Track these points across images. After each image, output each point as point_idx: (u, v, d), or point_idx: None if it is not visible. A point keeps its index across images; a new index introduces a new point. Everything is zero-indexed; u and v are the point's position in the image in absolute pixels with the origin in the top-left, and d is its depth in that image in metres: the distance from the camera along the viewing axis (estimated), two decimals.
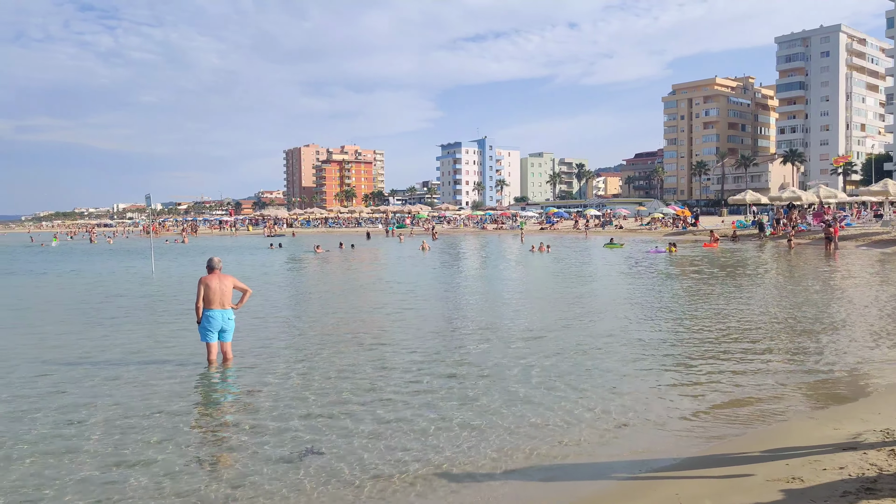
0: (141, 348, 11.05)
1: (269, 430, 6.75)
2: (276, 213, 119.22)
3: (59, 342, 11.82)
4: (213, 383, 8.88)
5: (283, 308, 16.54)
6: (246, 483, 5.48)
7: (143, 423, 6.98)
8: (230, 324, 9.48)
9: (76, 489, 5.37)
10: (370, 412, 7.28)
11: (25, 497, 5.25)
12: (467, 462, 5.86)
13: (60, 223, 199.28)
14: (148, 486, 5.41)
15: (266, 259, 36.28)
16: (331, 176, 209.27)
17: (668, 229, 60.11)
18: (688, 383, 8.29)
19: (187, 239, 67.63)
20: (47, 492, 5.33)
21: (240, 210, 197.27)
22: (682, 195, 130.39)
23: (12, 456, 6.10)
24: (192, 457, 6.10)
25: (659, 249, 34.57)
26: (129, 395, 8.05)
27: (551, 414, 7.12)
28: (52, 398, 8.00)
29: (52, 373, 9.28)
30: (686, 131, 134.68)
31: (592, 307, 15.30)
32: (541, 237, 53.39)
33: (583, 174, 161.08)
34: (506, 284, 21.55)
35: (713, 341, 10.85)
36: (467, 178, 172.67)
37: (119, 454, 6.11)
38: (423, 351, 10.46)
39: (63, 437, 6.61)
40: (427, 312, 14.84)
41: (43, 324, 14.19)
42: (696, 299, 16.07)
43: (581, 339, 11.25)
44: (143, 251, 43.57)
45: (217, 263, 9.51)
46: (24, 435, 6.67)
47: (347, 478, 5.57)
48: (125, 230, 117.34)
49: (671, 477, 5.40)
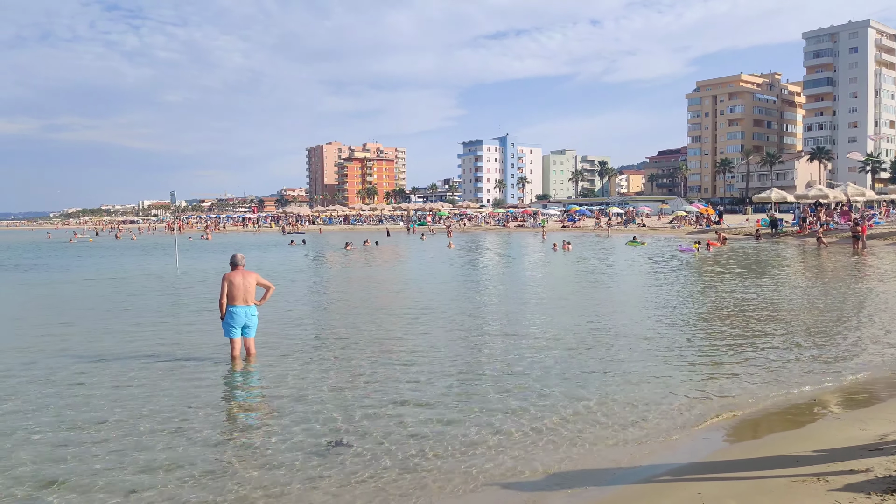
0: (165, 344, 11.21)
1: (293, 423, 6.81)
2: (298, 210, 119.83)
3: (86, 337, 12.04)
4: (236, 379, 8.98)
5: (308, 303, 16.67)
6: (273, 475, 5.54)
7: (169, 418, 7.09)
8: (253, 320, 9.58)
9: (107, 478, 5.48)
10: (396, 406, 7.33)
11: (56, 487, 5.36)
12: (489, 462, 5.87)
13: (87, 220, 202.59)
14: (174, 479, 5.50)
15: (292, 256, 36.54)
16: (353, 173, 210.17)
17: (692, 227, 59.46)
18: (712, 382, 8.21)
19: (210, 236, 68.35)
20: (76, 479, 5.45)
21: (263, 207, 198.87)
22: (705, 193, 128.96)
23: (41, 450, 6.24)
24: (217, 450, 6.18)
25: (687, 247, 34.10)
26: (155, 390, 8.17)
27: (571, 414, 7.11)
28: (79, 390, 8.15)
29: (80, 367, 9.45)
30: (710, 129, 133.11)
31: (617, 306, 15.21)
32: (562, 235, 53.14)
33: (605, 172, 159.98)
34: (529, 283, 21.50)
35: (739, 340, 10.74)
36: (489, 175, 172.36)
37: (145, 448, 6.21)
38: (448, 348, 10.48)
39: (91, 429, 6.74)
40: (452, 310, 14.86)
41: (72, 319, 14.45)
42: (723, 297, 15.89)
43: (602, 337, 11.19)
44: (168, 248, 44.14)
45: (240, 260, 9.61)
46: (49, 429, 6.81)
47: (375, 471, 5.60)
48: (150, 227, 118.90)
49: (694, 479, 5.36)
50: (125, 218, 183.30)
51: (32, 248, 52.18)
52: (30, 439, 6.47)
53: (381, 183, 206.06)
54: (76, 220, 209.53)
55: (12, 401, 7.78)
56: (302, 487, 5.33)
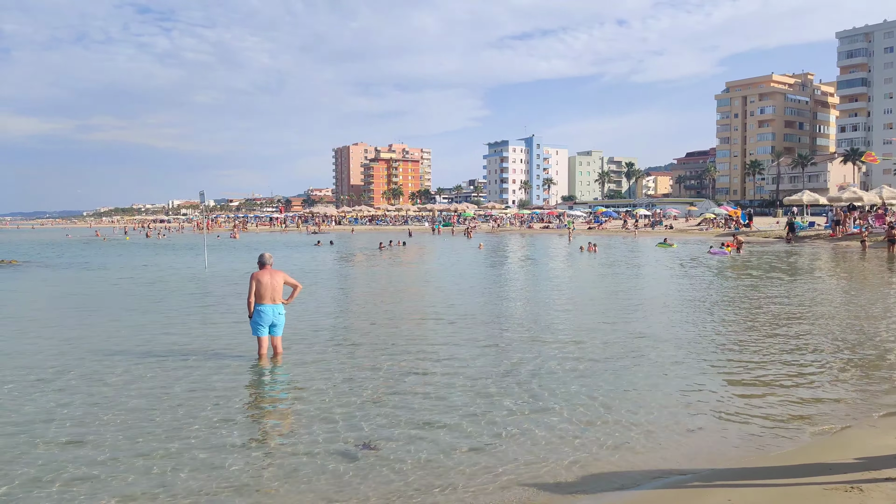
0: (193, 341, 11.35)
1: (320, 423, 6.85)
2: (325, 210, 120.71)
3: (115, 334, 12.24)
4: (263, 377, 9.06)
5: (336, 303, 16.76)
6: (298, 475, 5.57)
7: (195, 415, 7.17)
8: (281, 318, 9.66)
9: (136, 474, 5.56)
10: (424, 407, 7.33)
11: (84, 479, 5.45)
12: (519, 466, 5.83)
13: (119, 219, 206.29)
14: (200, 477, 5.56)
15: (319, 256, 36.81)
16: (378, 174, 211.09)
17: (720, 230, 58.66)
18: (746, 389, 8.08)
19: (238, 235, 69.13)
20: (112, 476, 5.53)
21: (290, 207, 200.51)
22: (734, 195, 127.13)
23: (67, 444, 6.35)
24: (243, 449, 6.23)
25: (719, 250, 33.49)
26: (182, 388, 8.28)
27: (597, 417, 7.05)
28: (103, 389, 8.29)
29: (110, 363, 9.62)
30: (740, 130, 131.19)
31: (649, 309, 15.05)
32: (589, 237, 52.78)
33: (632, 173, 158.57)
34: (558, 285, 21.37)
35: (773, 345, 10.56)
36: (514, 176, 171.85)
37: (172, 445, 6.29)
38: (475, 350, 10.46)
39: (118, 425, 6.85)
40: (480, 312, 14.83)
41: (100, 316, 14.71)
42: (759, 301, 15.64)
43: (630, 340, 11.09)
44: (197, 246, 44.72)
45: (268, 259, 9.69)
46: (73, 425, 6.93)
47: (402, 472, 5.61)
48: (179, 226, 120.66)
49: (724, 484, 5.27)
50: (155, 217, 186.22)
51: (68, 246, 53.25)
52: (56, 437, 6.59)
53: (407, 184, 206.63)
54: (108, 219, 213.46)
55: (44, 393, 7.95)
56: (328, 489, 5.35)
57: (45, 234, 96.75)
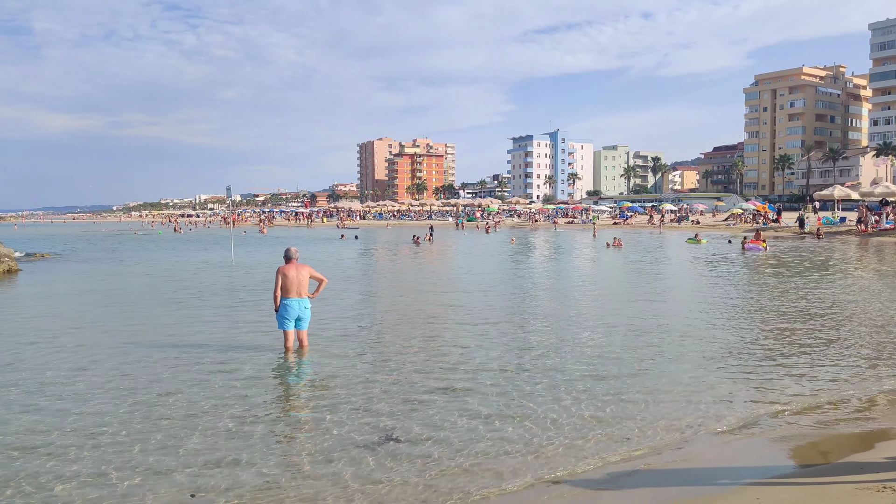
0: (221, 334, 11.50)
1: (344, 416, 6.90)
2: (349, 205, 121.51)
3: (145, 326, 12.45)
4: (289, 370, 9.15)
5: (361, 296, 16.87)
6: (323, 468, 5.62)
7: (222, 407, 7.26)
8: (307, 312, 9.74)
9: (164, 466, 5.65)
10: (449, 401, 7.34)
11: (116, 470, 5.56)
12: (544, 463, 5.82)
13: (147, 213, 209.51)
14: (226, 469, 5.63)
15: (345, 250, 37.03)
16: (403, 169, 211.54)
17: (748, 225, 57.83)
18: (775, 386, 7.97)
19: (265, 230, 69.79)
20: (138, 465, 5.64)
21: (315, 202, 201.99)
22: (762, 190, 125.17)
23: (101, 439, 6.48)
24: (268, 441, 6.30)
25: (753, 246, 32.91)
26: (209, 380, 8.39)
27: (625, 413, 7.00)
28: (138, 380, 8.44)
29: (137, 355, 9.79)
30: (769, 123, 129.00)
31: (681, 306, 14.91)
32: (614, 232, 52.38)
33: (658, 168, 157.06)
34: (586, 279, 21.26)
35: (807, 343, 10.40)
36: (538, 171, 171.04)
37: (198, 436, 6.38)
38: (503, 344, 10.46)
39: (148, 418, 6.97)
40: (506, 306, 14.81)
41: (132, 309, 14.98)
42: (792, 297, 15.41)
43: (660, 336, 11.00)
44: (223, 241, 45.24)
45: (294, 254, 9.77)
46: (111, 415, 7.06)
47: (426, 466, 5.62)
48: (207, 220, 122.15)
49: (754, 483, 5.21)
50: (182, 211, 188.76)
51: (101, 240, 54.21)
52: (93, 428, 6.73)
53: (431, 178, 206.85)
54: (137, 214, 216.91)
55: (82, 381, 8.13)
56: (352, 481, 5.38)
57: (75, 227, 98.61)
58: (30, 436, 6.37)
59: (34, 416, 6.97)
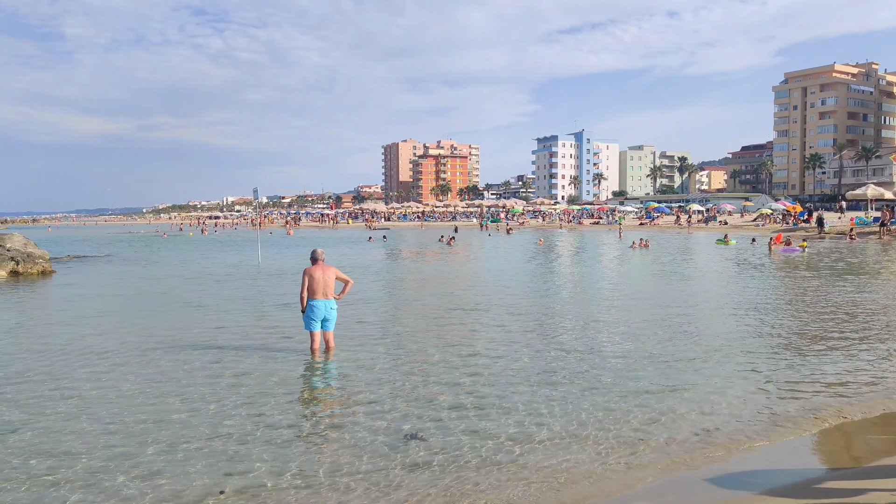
0: (247, 335, 11.61)
1: (370, 416, 6.92)
2: (374, 206, 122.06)
3: (174, 327, 12.62)
4: (315, 370, 9.20)
5: (387, 297, 16.92)
6: (348, 468, 5.64)
7: (249, 407, 7.33)
8: (333, 313, 9.79)
9: (194, 467, 5.72)
10: (474, 401, 7.32)
11: (152, 465, 5.64)
12: (568, 465, 5.78)
13: (175, 215, 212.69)
14: (254, 468, 5.68)
15: (373, 251, 37.20)
16: (427, 170, 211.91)
17: (778, 226, 56.90)
18: (813, 390, 7.82)
19: (292, 231, 70.39)
20: (178, 460, 5.72)
21: (340, 203, 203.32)
22: (792, 190, 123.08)
23: (138, 436, 6.58)
24: (295, 440, 6.34)
25: (792, 247, 32.33)
26: (237, 380, 8.48)
27: (660, 419, 6.92)
28: (166, 379, 8.56)
29: (166, 356, 9.92)
30: (799, 122, 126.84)
31: (715, 310, 14.72)
32: (640, 233, 51.88)
33: (685, 168, 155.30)
34: (614, 282, 21.09)
35: (846, 346, 10.20)
36: (563, 171, 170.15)
37: (225, 436, 6.44)
38: (529, 345, 10.42)
39: (176, 419, 7.06)
40: (533, 307, 14.75)
41: (161, 310, 15.20)
42: (836, 300, 15.13)
43: (693, 339, 10.86)
44: (251, 242, 45.71)
45: (320, 255, 9.83)
46: (132, 417, 7.17)
47: (451, 466, 5.61)
48: (233, 222, 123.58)
49: (783, 495, 5.11)
50: (210, 213, 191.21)
51: (131, 242, 55.16)
52: (124, 423, 6.83)
53: (455, 180, 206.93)
54: (166, 216, 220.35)
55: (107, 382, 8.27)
56: (378, 478, 5.40)
57: (106, 230, 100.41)
58: (64, 433, 6.49)
59: (71, 409, 7.11)
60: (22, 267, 23.52)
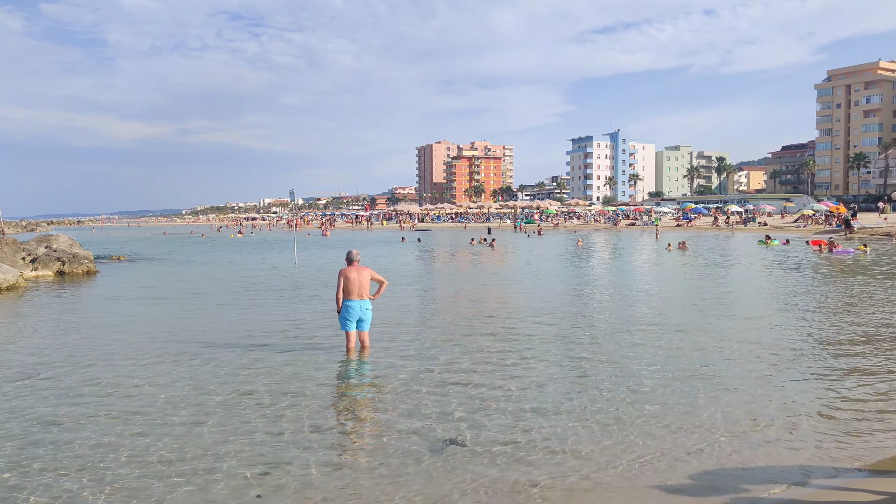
0: (284, 335, 11.75)
1: (406, 417, 6.93)
2: (408, 208, 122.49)
3: (214, 327, 12.86)
4: (351, 370, 9.27)
5: (423, 298, 16.96)
6: (386, 468, 5.66)
7: (286, 408, 7.41)
8: (368, 314, 9.86)
9: (232, 458, 5.82)
10: (512, 405, 7.29)
11: (185, 458, 5.76)
12: (604, 467, 5.72)
13: (214, 216, 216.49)
14: (292, 468, 5.74)
15: (406, 252, 37.35)
16: (460, 172, 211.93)
17: (820, 227, 55.52)
18: (852, 396, 7.62)
19: (328, 232, 71.06)
20: (219, 456, 5.82)
21: (374, 205, 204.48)
22: (836, 190, 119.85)
23: (175, 433, 6.71)
24: (329, 443, 6.38)
25: (844, 249, 31.48)
26: (274, 379, 8.59)
27: (681, 420, 6.82)
28: (205, 377, 8.72)
29: (204, 355, 10.10)
30: (843, 120, 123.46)
31: (773, 314, 14.45)
32: (677, 234, 51.12)
33: (723, 168, 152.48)
34: (657, 284, 20.84)
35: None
36: (598, 172, 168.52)
37: (261, 437, 6.52)
38: (569, 347, 10.35)
39: (214, 411, 7.18)
40: (570, 310, 14.66)
41: (202, 310, 15.48)
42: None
43: (747, 346, 10.68)
44: (287, 243, 46.26)
45: (356, 256, 9.91)
46: (173, 414, 7.31)
47: (491, 470, 5.59)
48: (269, 223, 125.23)
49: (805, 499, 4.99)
50: (247, 215, 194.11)
51: (171, 243, 56.33)
52: (166, 421, 6.98)
53: (489, 181, 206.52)
54: (205, 217, 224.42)
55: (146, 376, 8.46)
56: (416, 481, 5.41)
57: (147, 231, 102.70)
58: (119, 429, 6.66)
59: (128, 403, 7.29)
60: (68, 267, 24.20)
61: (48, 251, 25.12)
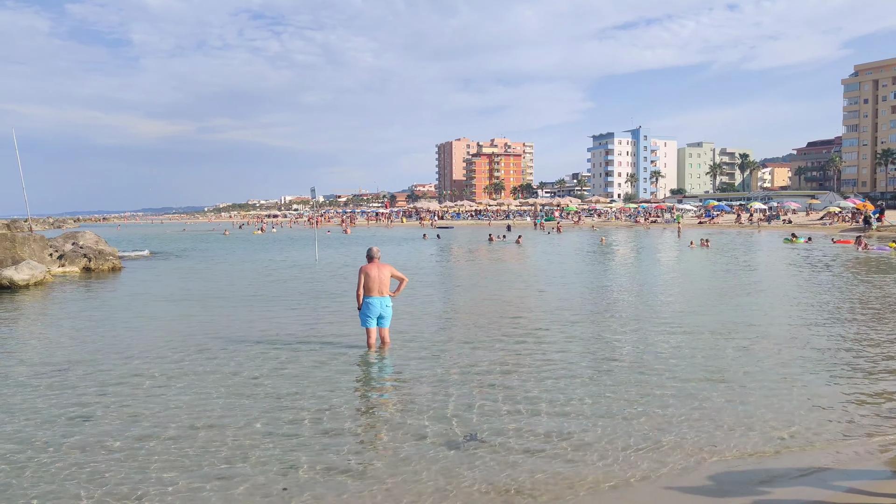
0: (306, 331, 11.83)
1: (427, 414, 6.94)
2: (427, 205, 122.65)
3: (236, 322, 12.98)
4: (371, 366, 9.30)
5: (444, 295, 16.95)
6: (407, 464, 5.67)
7: (307, 403, 7.46)
8: (388, 310, 9.89)
9: (256, 455, 5.87)
10: (533, 402, 7.28)
11: (203, 464, 5.82)
12: (628, 469, 5.69)
13: (235, 214, 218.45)
14: (313, 464, 5.78)
15: (426, 250, 37.41)
16: (480, 169, 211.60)
17: (846, 225, 54.64)
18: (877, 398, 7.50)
19: (349, 230, 71.39)
20: (236, 458, 5.88)
21: (394, 202, 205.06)
22: (863, 187, 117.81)
23: (197, 433, 6.79)
24: (352, 437, 6.42)
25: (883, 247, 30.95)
26: (295, 375, 8.65)
27: (706, 420, 6.76)
28: (228, 372, 8.81)
29: (226, 350, 10.21)
30: (870, 116, 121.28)
31: (796, 309, 14.28)
32: (699, 231, 50.61)
33: (746, 165, 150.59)
34: (668, 280, 20.67)
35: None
36: (619, 169, 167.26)
37: (283, 433, 6.57)
38: (589, 345, 10.31)
39: (238, 407, 7.25)
40: (592, 308, 14.59)
41: (224, 306, 15.63)
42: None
43: (773, 342, 10.56)
44: (308, 240, 46.55)
45: (376, 253, 9.94)
46: (198, 410, 7.39)
47: (511, 467, 5.58)
48: (291, 221, 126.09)
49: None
50: (268, 212, 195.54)
51: (195, 240, 56.95)
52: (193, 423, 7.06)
53: (509, 178, 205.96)
54: (226, 214, 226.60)
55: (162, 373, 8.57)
56: (437, 478, 5.41)
57: (170, 228, 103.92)
58: (139, 426, 6.76)
59: (148, 400, 7.40)
60: (94, 263, 24.58)
61: (75, 248, 25.52)
